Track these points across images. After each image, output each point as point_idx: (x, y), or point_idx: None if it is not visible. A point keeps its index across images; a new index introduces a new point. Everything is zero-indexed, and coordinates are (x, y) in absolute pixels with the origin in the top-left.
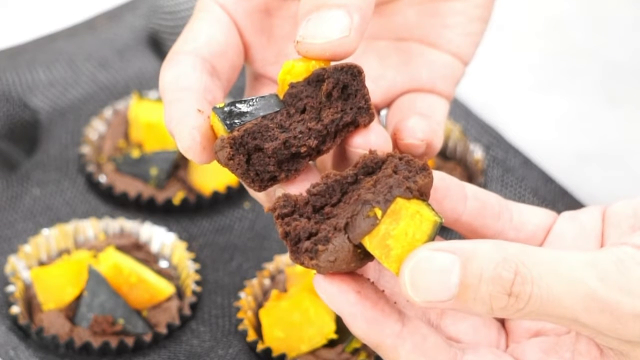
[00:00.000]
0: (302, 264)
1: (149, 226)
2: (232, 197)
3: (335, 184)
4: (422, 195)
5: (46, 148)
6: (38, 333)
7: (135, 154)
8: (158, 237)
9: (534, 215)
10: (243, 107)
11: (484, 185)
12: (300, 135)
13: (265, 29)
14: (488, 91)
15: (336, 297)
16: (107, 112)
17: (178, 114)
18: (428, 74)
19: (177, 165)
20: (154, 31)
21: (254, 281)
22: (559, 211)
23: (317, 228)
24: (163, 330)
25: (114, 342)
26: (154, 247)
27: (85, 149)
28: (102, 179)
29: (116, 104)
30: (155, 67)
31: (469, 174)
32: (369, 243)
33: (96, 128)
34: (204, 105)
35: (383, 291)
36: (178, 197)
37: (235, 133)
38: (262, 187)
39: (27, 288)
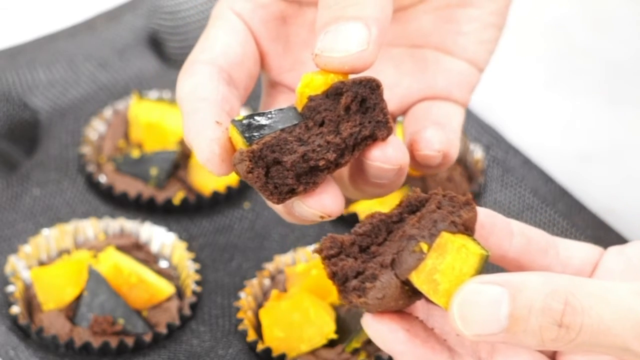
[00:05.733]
0: (350, 303)
1: (149, 226)
2: (232, 197)
3: (380, 223)
4: (467, 229)
5: (46, 148)
6: (38, 333)
7: (135, 154)
8: (158, 237)
9: (580, 250)
10: (262, 120)
11: (484, 185)
12: (318, 149)
13: (282, 37)
14: (488, 91)
15: (386, 335)
16: (107, 112)
17: (196, 126)
18: (444, 81)
19: (177, 165)
20: (154, 31)
21: (254, 281)
22: (559, 211)
23: (364, 267)
24: (163, 330)
25: (114, 342)
26: (154, 247)
27: (85, 149)
28: (102, 179)
29: (116, 104)
30: (155, 67)
31: (469, 174)
32: (417, 278)
33: (96, 128)
34: (222, 116)
35: (432, 329)
36: (178, 197)
37: (255, 146)
38: (280, 200)
39: (27, 288)
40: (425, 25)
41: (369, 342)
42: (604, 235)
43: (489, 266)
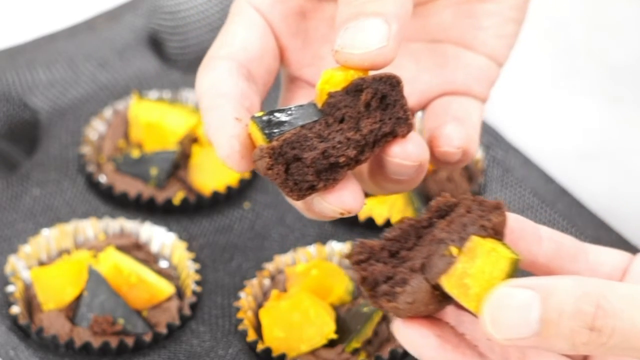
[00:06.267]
0: (381, 307)
1: (149, 226)
2: (232, 197)
3: (410, 228)
4: (497, 234)
5: (46, 148)
6: (38, 333)
7: (135, 154)
8: (158, 237)
9: (610, 256)
10: (282, 117)
11: (484, 185)
12: (339, 145)
13: (301, 32)
14: None
15: (417, 341)
16: (107, 112)
17: (216, 122)
18: (463, 76)
19: (177, 165)
20: (154, 31)
21: (254, 281)
22: (559, 211)
23: (394, 271)
24: (163, 330)
25: (114, 342)
26: (154, 247)
27: (85, 149)
28: (102, 179)
29: (116, 104)
30: (155, 67)
31: (469, 174)
32: (447, 283)
33: (96, 128)
34: (242, 112)
35: (463, 335)
36: (178, 197)
37: (274, 143)
38: (300, 196)
39: (27, 288)
40: (445, 20)
41: (369, 342)
42: (604, 235)
43: (518, 271)
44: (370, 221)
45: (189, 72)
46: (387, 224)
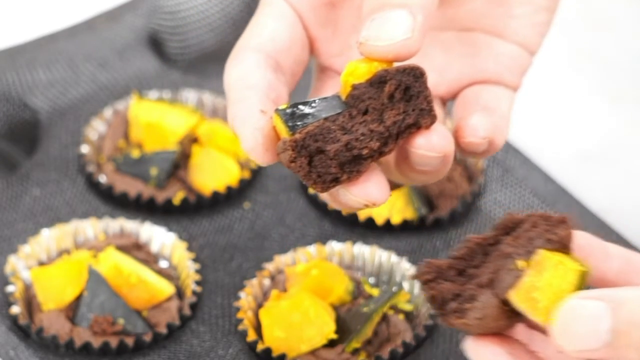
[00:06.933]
0: (452, 325)
1: (149, 226)
2: (232, 197)
3: (476, 246)
4: (564, 247)
5: (46, 148)
6: (38, 333)
7: (135, 154)
8: (158, 237)
9: None
10: (305, 109)
11: (484, 185)
12: (362, 137)
13: (330, 22)
14: None
15: (489, 358)
16: (107, 112)
17: (241, 114)
18: (494, 65)
19: (177, 165)
20: (154, 31)
21: (254, 281)
22: (559, 211)
23: (462, 289)
24: (163, 330)
25: (114, 342)
26: (154, 247)
27: (85, 149)
28: (102, 179)
29: (116, 104)
30: (155, 67)
31: (469, 174)
32: (515, 297)
33: (96, 128)
34: (268, 104)
35: (534, 352)
36: (178, 197)
37: (297, 136)
38: (324, 188)
39: (27, 288)
40: (475, 8)
41: (369, 342)
42: (604, 235)
43: (586, 284)
44: (370, 221)
45: (189, 72)
46: (387, 224)
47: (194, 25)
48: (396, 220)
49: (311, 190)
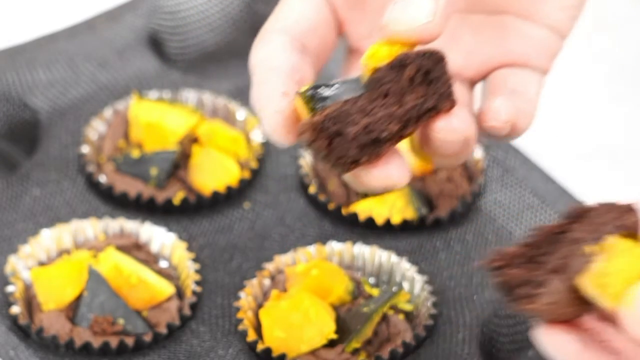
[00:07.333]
0: (521, 311)
1: (149, 226)
2: (232, 197)
3: (545, 235)
4: (633, 235)
5: (46, 148)
6: (38, 333)
7: (135, 154)
8: (158, 237)
9: None
10: (326, 92)
11: (484, 185)
12: (381, 120)
13: (359, 3)
14: None
15: (561, 347)
16: (107, 112)
17: (264, 96)
18: (523, 48)
19: (177, 165)
20: (154, 31)
21: (254, 281)
22: (559, 211)
23: (532, 275)
24: (163, 330)
25: (114, 342)
26: (154, 248)
27: (85, 149)
28: (102, 179)
29: (116, 104)
30: (155, 67)
31: (469, 174)
32: (585, 282)
33: (96, 128)
34: (291, 86)
35: (605, 341)
36: (178, 197)
37: (317, 117)
38: (345, 170)
39: (27, 288)
40: None
41: (369, 342)
42: None
43: None
44: (370, 221)
45: (189, 72)
46: (387, 223)
47: (194, 25)
48: (396, 220)
49: (311, 190)
